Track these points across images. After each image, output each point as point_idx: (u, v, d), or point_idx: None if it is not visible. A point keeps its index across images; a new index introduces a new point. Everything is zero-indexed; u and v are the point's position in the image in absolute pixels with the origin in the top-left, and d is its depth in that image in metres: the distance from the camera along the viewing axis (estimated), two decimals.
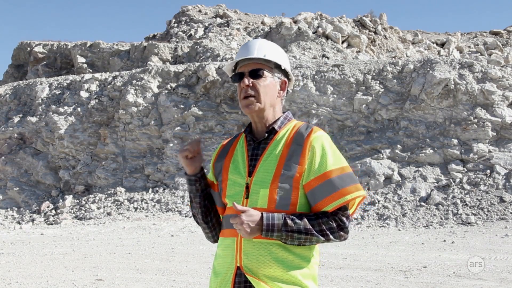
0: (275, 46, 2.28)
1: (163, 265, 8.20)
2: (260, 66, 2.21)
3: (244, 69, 2.23)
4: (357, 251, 9.23)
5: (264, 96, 2.19)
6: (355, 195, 2.10)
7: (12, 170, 17.47)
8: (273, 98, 2.23)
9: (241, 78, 2.22)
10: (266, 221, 2.03)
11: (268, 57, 2.21)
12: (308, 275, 2.12)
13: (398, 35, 27.36)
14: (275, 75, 2.24)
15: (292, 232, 2.04)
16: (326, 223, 2.07)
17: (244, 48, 2.26)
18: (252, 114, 2.23)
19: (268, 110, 2.23)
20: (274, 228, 2.03)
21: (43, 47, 26.48)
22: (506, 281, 6.71)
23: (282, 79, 2.27)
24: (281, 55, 2.28)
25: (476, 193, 13.40)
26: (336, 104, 15.86)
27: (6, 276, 7.51)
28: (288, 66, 2.30)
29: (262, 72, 2.20)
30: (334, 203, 2.08)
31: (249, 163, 2.20)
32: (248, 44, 2.26)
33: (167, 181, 16.05)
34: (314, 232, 2.05)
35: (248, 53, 2.22)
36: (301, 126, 2.23)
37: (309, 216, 2.09)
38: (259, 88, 2.19)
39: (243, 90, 2.20)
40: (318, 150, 2.13)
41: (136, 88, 17.56)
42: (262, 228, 2.03)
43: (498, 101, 14.85)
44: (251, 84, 2.19)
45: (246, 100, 2.20)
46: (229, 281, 2.13)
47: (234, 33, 25.76)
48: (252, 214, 2.03)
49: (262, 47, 2.23)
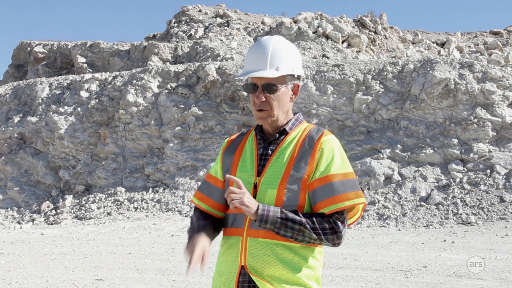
0: (287, 49, 2.23)
1: (163, 265, 8.20)
2: (274, 81, 2.17)
3: (257, 81, 2.19)
4: (357, 251, 9.23)
5: (277, 109, 2.19)
6: (353, 202, 2.11)
7: (12, 170, 17.47)
8: (286, 105, 2.23)
9: (254, 89, 2.20)
10: (262, 207, 2.06)
11: (282, 72, 2.17)
12: (311, 276, 2.14)
13: (398, 35, 27.36)
14: (288, 84, 2.22)
15: (286, 221, 2.05)
16: (320, 222, 2.08)
17: (256, 57, 2.20)
18: (266, 125, 2.24)
19: (281, 117, 2.23)
20: (270, 214, 2.05)
21: (43, 47, 26.47)
22: (506, 281, 6.71)
23: (295, 83, 2.25)
24: (294, 59, 2.23)
25: (476, 193, 13.40)
26: (336, 104, 15.86)
27: (6, 276, 7.51)
28: (301, 66, 2.27)
29: (275, 86, 2.17)
30: (332, 206, 2.09)
31: (258, 162, 2.21)
32: (260, 52, 2.20)
33: (167, 181, 16.05)
34: (308, 227, 2.06)
35: (260, 67, 2.17)
36: (312, 129, 2.24)
37: (305, 214, 2.11)
38: (273, 102, 2.18)
39: (257, 104, 2.19)
40: (326, 153, 2.15)
41: (136, 88, 17.56)
42: (257, 213, 2.05)
43: (498, 101, 14.85)
44: (265, 99, 2.18)
45: (260, 113, 2.20)
46: (233, 280, 2.14)
47: (234, 33, 25.76)
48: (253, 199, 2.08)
49: (275, 57, 2.18)
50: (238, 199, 2.02)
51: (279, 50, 2.20)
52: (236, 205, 2.03)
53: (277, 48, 2.21)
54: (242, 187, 2.06)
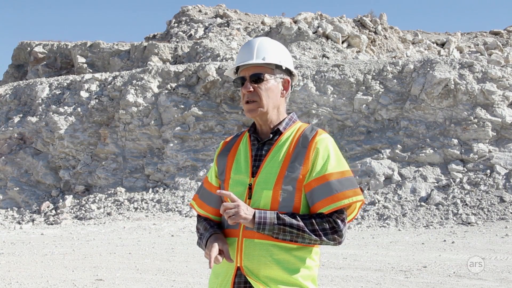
0: (274, 44, 2.26)
1: (163, 265, 8.20)
2: (260, 70, 2.19)
3: (245, 73, 2.21)
4: (357, 251, 9.23)
5: (266, 100, 2.18)
6: (352, 200, 2.11)
7: (12, 170, 17.47)
8: (276, 100, 2.22)
9: (243, 82, 2.21)
10: (258, 214, 2.05)
11: (268, 60, 2.19)
12: (308, 277, 2.13)
13: (398, 35, 27.36)
14: (276, 76, 2.22)
15: (284, 226, 2.04)
16: (319, 223, 2.08)
17: (244, 51, 2.24)
18: (256, 118, 2.23)
19: (272, 112, 2.22)
20: (266, 221, 2.04)
21: (43, 47, 26.47)
22: (506, 281, 6.71)
23: (285, 78, 2.25)
24: (281, 53, 2.25)
25: (476, 193, 13.40)
26: (336, 104, 15.86)
27: (6, 276, 7.51)
28: (290, 63, 2.28)
29: (263, 76, 2.18)
30: (331, 205, 2.09)
31: (253, 163, 2.20)
32: (247, 46, 2.24)
33: (167, 181, 16.05)
34: (306, 230, 2.06)
35: (247, 58, 2.20)
36: (306, 128, 2.23)
37: (303, 216, 2.09)
38: (261, 92, 2.18)
39: (245, 95, 2.20)
40: (321, 152, 2.14)
41: (136, 88, 17.56)
42: (254, 221, 2.04)
43: (498, 101, 14.85)
44: (253, 90, 2.18)
45: (248, 105, 2.20)
46: (229, 282, 2.13)
47: (234, 33, 25.76)
48: (248, 208, 2.06)
49: (261, 49, 2.21)
50: (233, 214, 2.01)
51: (265, 44, 2.23)
52: (235, 221, 2.02)
53: (263, 43, 2.24)
54: (235, 199, 2.04)
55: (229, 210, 2.01)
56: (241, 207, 2.03)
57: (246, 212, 2.03)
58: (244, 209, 2.03)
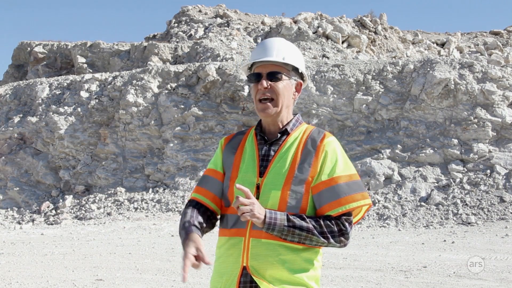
0: (292, 47, 2.27)
1: (163, 265, 8.20)
2: (278, 69, 2.19)
3: (262, 70, 2.20)
4: (357, 251, 9.23)
5: (282, 99, 2.19)
6: (360, 204, 2.13)
7: (12, 170, 17.47)
8: (289, 100, 2.23)
9: (257, 79, 2.21)
10: (269, 214, 2.04)
11: (287, 61, 2.19)
12: (312, 277, 2.15)
13: (398, 35, 27.36)
14: (292, 78, 2.23)
15: (294, 228, 2.05)
16: (328, 226, 2.09)
17: (262, 48, 2.24)
18: (267, 118, 2.22)
19: (284, 112, 2.23)
20: (277, 223, 2.04)
21: (43, 47, 26.48)
22: (506, 281, 6.71)
23: (298, 81, 2.27)
24: (298, 57, 2.27)
25: (476, 193, 13.40)
26: (336, 104, 15.86)
27: (6, 276, 7.51)
28: (304, 67, 2.30)
29: (280, 75, 2.19)
30: (339, 208, 2.11)
31: (260, 163, 2.19)
32: (266, 45, 2.24)
33: (167, 181, 16.05)
34: (315, 232, 2.07)
35: (267, 55, 2.20)
36: (313, 130, 2.24)
37: (312, 217, 2.10)
38: (278, 90, 2.18)
39: (260, 92, 2.18)
40: (330, 155, 2.16)
41: (136, 88, 17.56)
42: (264, 221, 2.03)
43: (498, 101, 14.85)
44: (269, 87, 2.18)
45: (262, 104, 2.19)
46: (234, 281, 2.13)
47: (234, 33, 25.75)
48: (261, 208, 2.04)
49: (281, 49, 2.21)
50: (249, 212, 1.99)
51: (285, 45, 2.25)
52: (247, 218, 2.00)
53: (283, 43, 2.25)
54: (250, 197, 2.02)
55: (245, 207, 2.00)
56: (256, 206, 2.02)
57: (260, 212, 2.02)
58: (258, 208, 2.02)
